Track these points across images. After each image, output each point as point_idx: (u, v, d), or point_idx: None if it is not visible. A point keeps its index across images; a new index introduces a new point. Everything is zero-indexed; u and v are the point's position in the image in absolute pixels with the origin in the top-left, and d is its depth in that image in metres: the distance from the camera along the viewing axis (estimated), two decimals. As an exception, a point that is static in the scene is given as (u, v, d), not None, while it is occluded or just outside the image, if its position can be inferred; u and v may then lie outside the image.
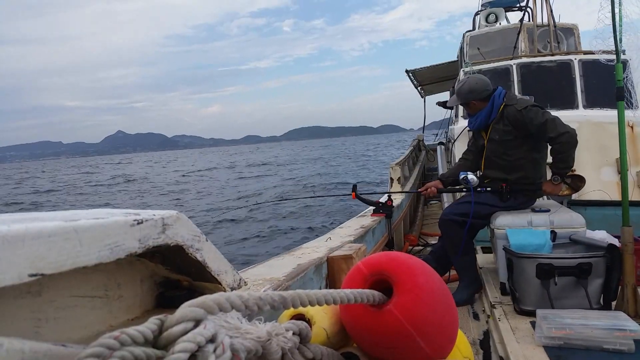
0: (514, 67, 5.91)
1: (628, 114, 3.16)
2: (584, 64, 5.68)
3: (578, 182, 3.76)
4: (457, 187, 3.73)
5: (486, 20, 9.19)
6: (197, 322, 0.57)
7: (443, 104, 8.30)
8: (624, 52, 3.25)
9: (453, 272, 3.75)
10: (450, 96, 9.94)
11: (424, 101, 14.66)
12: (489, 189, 3.50)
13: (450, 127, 8.71)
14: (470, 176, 3.50)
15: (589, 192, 4.49)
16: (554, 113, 3.27)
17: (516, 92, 5.65)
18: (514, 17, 9.87)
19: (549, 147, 3.29)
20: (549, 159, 3.37)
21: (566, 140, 3.14)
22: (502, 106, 3.40)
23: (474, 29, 9.68)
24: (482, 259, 4.16)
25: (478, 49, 7.89)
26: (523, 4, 8.89)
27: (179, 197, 22.50)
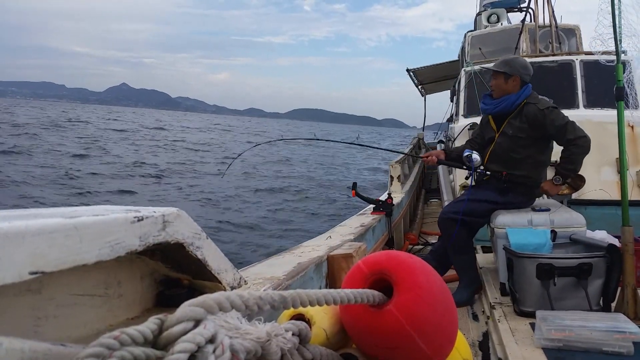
0: None
1: (628, 114, 3.16)
2: (586, 64, 5.68)
3: (578, 181, 3.76)
4: (458, 164, 3.65)
5: (488, 21, 9.18)
6: (197, 322, 0.57)
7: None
8: (624, 52, 3.25)
9: (453, 272, 3.74)
10: (452, 95, 9.94)
11: (425, 100, 14.69)
12: (488, 173, 3.49)
13: (450, 125, 8.70)
14: (475, 155, 3.44)
15: (589, 192, 4.49)
16: None
17: None
18: (516, 17, 9.87)
19: (562, 149, 3.27)
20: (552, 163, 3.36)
21: (582, 144, 3.15)
22: (523, 102, 3.35)
23: (475, 29, 9.67)
24: (482, 258, 4.15)
25: (480, 48, 7.89)
26: (525, 4, 8.88)
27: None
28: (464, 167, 3.55)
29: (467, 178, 3.59)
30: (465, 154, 3.48)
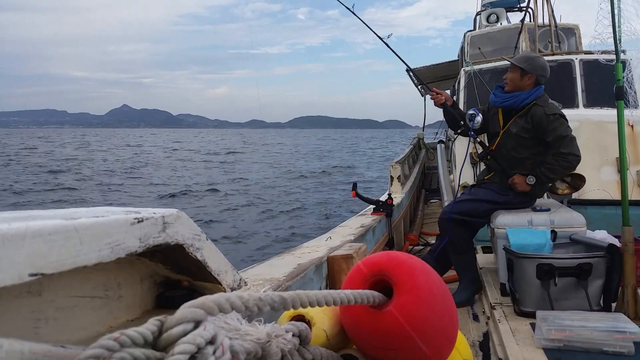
0: None
1: (628, 113, 3.15)
2: (585, 63, 5.68)
3: (578, 181, 3.76)
4: (458, 117, 3.59)
5: (487, 21, 9.19)
6: (197, 323, 0.57)
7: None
8: (623, 52, 3.24)
9: (453, 273, 3.74)
10: (452, 95, 9.92)
11: (424, 100, 14.67)
12: (479, 141, 3.47)
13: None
14: (478, 118, 3.43)
15: (589, 192, 4.48)
16: None
17: None
18: (516, 17, 9.88)
19: (550, 155, 3.26)
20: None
21: (571, 161, 3.14)
22: (532, 103, 3.32)
23: (474, 28, 9.67)
24: (482, 259, 4.15)
25: (479, 48, 7.88)
26: (524, 4, 8.89)
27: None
28: (461, 123, 3.50)
29: (456, 133, 3.56)
30: (470, 111, 3.46)
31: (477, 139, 3.58)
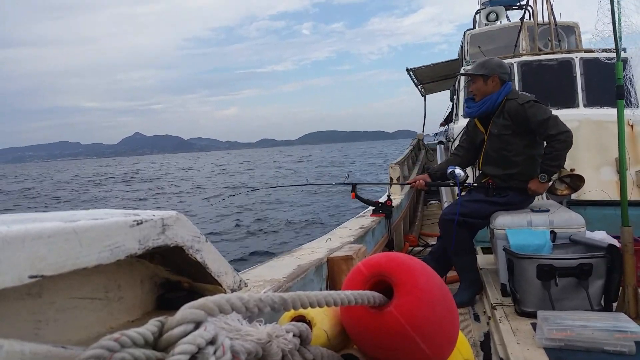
0: (515, 65, 5.90)
1: (628, 112, 3.14)
2: (585, 62, 5.67)
3: (577, 181, 3.75)
4: (445, 181, 3.72)
5: (487, 19, 9.19)
6: (198, 324, 0.57)
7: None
8: (624, 50, 3.24)
9: (453, 273, 3.74)
10: (452, 95, 9.93)
11: (424, 100, 14.68)
12: (475, 184, 3.51)
13: (450, 126, 8.70)
14: (458, 171, 3.49)
15: (588, 192, 4.48)
16: (554, 111, 3.26)
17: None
18: (515, 15, 9.88)
19: (545, 145, 3.28)
20: None
21: (565, 139, 3.14)
22: (503, 100, 3.37)
23: (474, 27, 9.68)
24: (482, 259, 4.15)
25: (479, 47, 7.88)
26: (523, 2, 8.89)
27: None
28: (451, 184, 3.59)
29: (458, 196, 3.64)
30: (449, 171, 3.53)
31: (476, 167, 3.64)
